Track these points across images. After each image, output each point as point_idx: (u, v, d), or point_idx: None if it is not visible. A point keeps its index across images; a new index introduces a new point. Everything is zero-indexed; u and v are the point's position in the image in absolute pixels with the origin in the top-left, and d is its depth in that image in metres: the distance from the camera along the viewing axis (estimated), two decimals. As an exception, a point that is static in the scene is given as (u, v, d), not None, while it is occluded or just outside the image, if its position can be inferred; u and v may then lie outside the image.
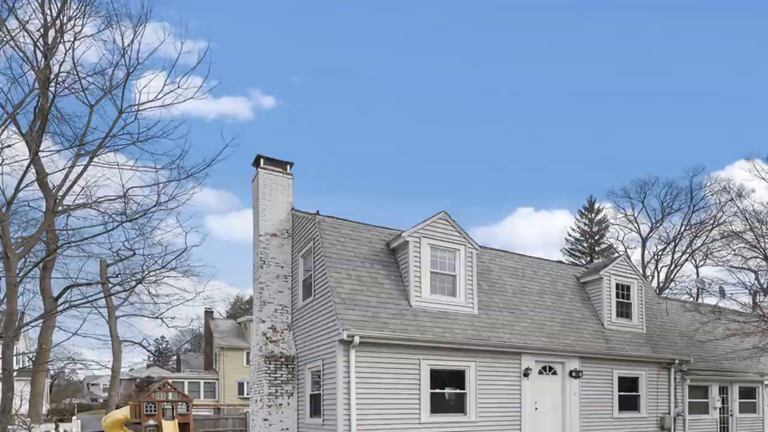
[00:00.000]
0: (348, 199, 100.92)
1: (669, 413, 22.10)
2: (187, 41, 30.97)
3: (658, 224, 59.19)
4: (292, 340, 18.92)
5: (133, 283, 30.73)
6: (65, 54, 20.81)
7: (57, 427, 27.46)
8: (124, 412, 32.98)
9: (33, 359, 29.19)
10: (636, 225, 60.42)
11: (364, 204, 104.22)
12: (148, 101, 21.63)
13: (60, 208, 23.29)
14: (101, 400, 69.71)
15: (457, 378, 17.18)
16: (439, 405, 16.74)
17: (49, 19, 20.79)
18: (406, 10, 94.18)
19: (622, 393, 20.99)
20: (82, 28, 20.92)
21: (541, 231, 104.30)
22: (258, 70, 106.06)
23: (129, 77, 21.17)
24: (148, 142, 22.00)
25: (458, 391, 17.19)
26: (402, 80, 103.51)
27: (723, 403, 25.02)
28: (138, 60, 20.98)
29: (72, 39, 20.72)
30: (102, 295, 31.52)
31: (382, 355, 15.77)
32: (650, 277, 57.62)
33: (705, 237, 53.62)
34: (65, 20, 20.82)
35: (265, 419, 18.08)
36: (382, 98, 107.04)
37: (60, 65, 21.00)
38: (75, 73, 21.09)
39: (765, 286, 30.27)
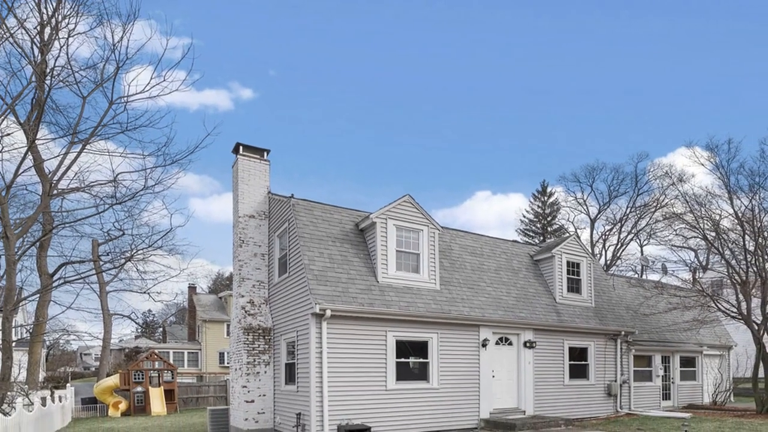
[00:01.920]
0: (320, 183, 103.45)
1: (615, 381, 22.34)
2: (172, 38, 31.21)
3: (606, 206, 60.14)
4: (268, 314, 19.00)
5: (123, 260, 30.83)
6: (60, 50, 21.21)
7: (52, 393, 27.42)
8: (114, 380, 33.18)
9: (30, 331, 29.13)
10: (585, 207, 61.45)
11: (335, 188, 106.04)
12: (137, 93, 21.97)
13: (55, 191, 23.38)
14: (93, 369, 69.37)
15: (420, 348, 17.28)
16: (404, 373, 16.85)
17: (45, 17, 21.09)
18: (374, 8, 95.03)
19: (572, 362, 21.20)
20: (75, 26, 21.28)
21: (498, 213, 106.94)
22: (237, 64, 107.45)
23: (119, 71, 21.49)
24: (137, 130, 22.31)
25: (422, 360, 17.29)
26: (369, 74, 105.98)
27: (665, 371, 25.35)
28: (127, 55, 21.33)
29: (66, 36, 21.13)
30: (94, 271, 31.50)
31: (352, 327, 15.85)
32: (598, 255, 58.31)
33: (649, 218, 54.47)
34: (60, 18, 21.21)
35: (244, 386, 18.18)
36: (352, 91, 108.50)
37: (55, 60, 21.39)
38: (69, 67, 21.42)
39: (704, 263, 30.69)
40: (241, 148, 19.16)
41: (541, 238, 61.85)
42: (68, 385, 36.99)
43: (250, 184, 19.20)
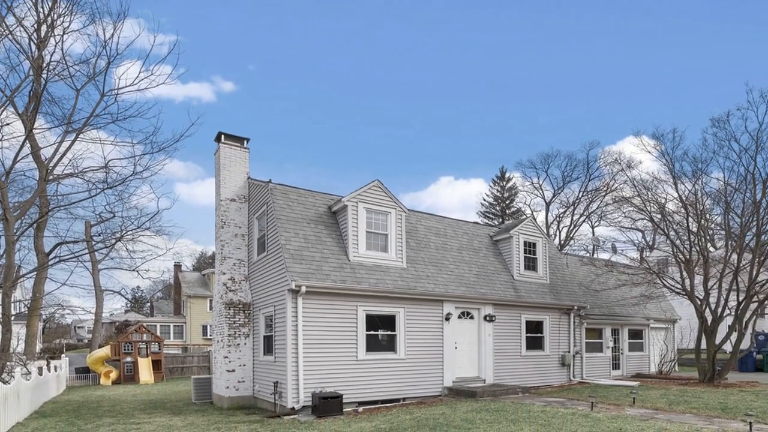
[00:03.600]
0: (296, 169, 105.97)
1: (569, 352, 22.68)
2: (159, 35, 31.40)
3: (560, 191, 61.19)
4: (248, 290, 19.14)
5: (113, 240, 30.82)
6: (55, 46, 21.69)
7: (48, 363, 27.43)
8: (105, 351, 33.26)
9: (28, 306, 29.12)
10: (541, 191, 62.39)
11: (310, 173, 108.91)
12: (126, 86, 22.30)
13: (51, 177, 23.51)
14: (86, 341, 69.12)
15: (388, 322, 17.46)
16: (373, 344, 17.04)
17: (41, 16, 21.51)
18: (347, 7, 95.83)
19: (528, 335, 21.47)
20: (69, 24, 21.64)
21: (460, 197, 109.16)
22: (219, 59, 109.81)
23: (110, 66, 21.79)
24: (126, 120, 22.62)
25: (390, 332, 17.46)
26: (342, 68, 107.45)
27: (615, 343, 25.71)
28: (117, 51, 21.74)
29: (61, 33, 21.56)
30: (87, 251, 31.40)
31: (325, 302, 16.01)
32: (553, 235, 59.10)
33: (599, 202, 55.41)
34: (55, 17, 21.69)
35: (226, 357, 18.35)
36: (326, 83, 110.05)
37: (51, 55, 21.87)
38: (64, 62, 21.77)
39: (651, 243, 31.08)
40: (222, 136, 19.20)
41: (500, 220, 62.46)
42: (63, 355, 37.11)
43: (231, 170, 19.27)
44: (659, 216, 23.37)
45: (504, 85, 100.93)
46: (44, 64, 21.45)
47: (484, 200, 66.03)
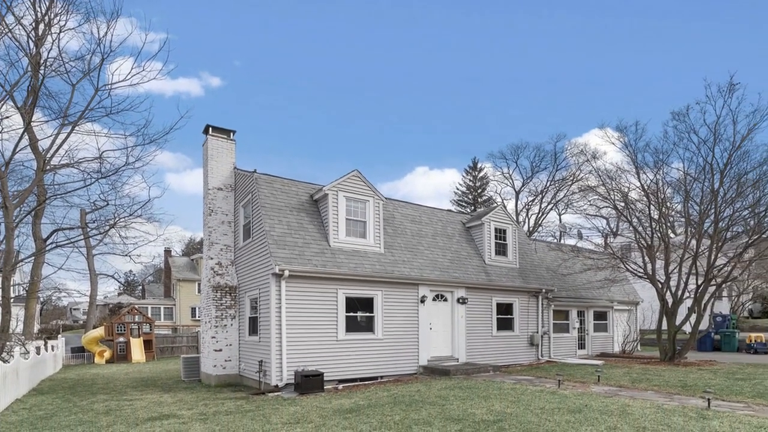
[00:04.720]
0: (279, 160, 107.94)
1: (537, 332, 22.94)
2: (150, 33, 31.35)
3: (529, 180, 61.61)
4: (234, 274, 19.26)
5: (107, 227, 30.76)
6: (52, 43, 21.96)
7: (45, 343, 27.43)
8: (99, 331, 33.28)
9: (26, 289, 29.09)
10: (510, 181, 62.75)
11: (292, 163, 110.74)
12: (119, 81, 22.49)
13: (48, 167, 23.60)
14: (81, 322, 68.86)
15: (367, 304, 17.65)
16: (352, 325, 17.22)
17: (39, 15, 21.73)
18: (327, 7, 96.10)
19: (499, 316, 21.71)
20: (66, 23, 21.92)
21: (435, 186, 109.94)
22: (207, 55, 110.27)
23: (104, 62, 21.93)
24: (119, 114, 22.77)
25: (368, 314, 17.65)
26: (323, 65, 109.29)
27: (580, 324, 26.00)
28: (111, 48, 21.98)
29: (58, 31, 21.95)
30: (82, 237, 31.37)
31: (307, 285, 16.17)
32: (522, 222, 59.44)
33: (566, 191, 55.49)
34: (52, 16, 22.00)
35: (213, 337, 18.49)
36: (308, 79, 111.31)
37: (48, 52, 22.28)
38: (60, 58, 22.07)
39: (614, 230, 31.42)
40: (210, 129, 19.20)
41: (473, 207, 62.70)
42: (59, 336, 36.98)
43: (219, 160, 19.31)
44: (623, 204, 23.55)
45: (476, 80, 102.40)
46: (42, 61, 21.59)
47: (458, 189, 66.27)
